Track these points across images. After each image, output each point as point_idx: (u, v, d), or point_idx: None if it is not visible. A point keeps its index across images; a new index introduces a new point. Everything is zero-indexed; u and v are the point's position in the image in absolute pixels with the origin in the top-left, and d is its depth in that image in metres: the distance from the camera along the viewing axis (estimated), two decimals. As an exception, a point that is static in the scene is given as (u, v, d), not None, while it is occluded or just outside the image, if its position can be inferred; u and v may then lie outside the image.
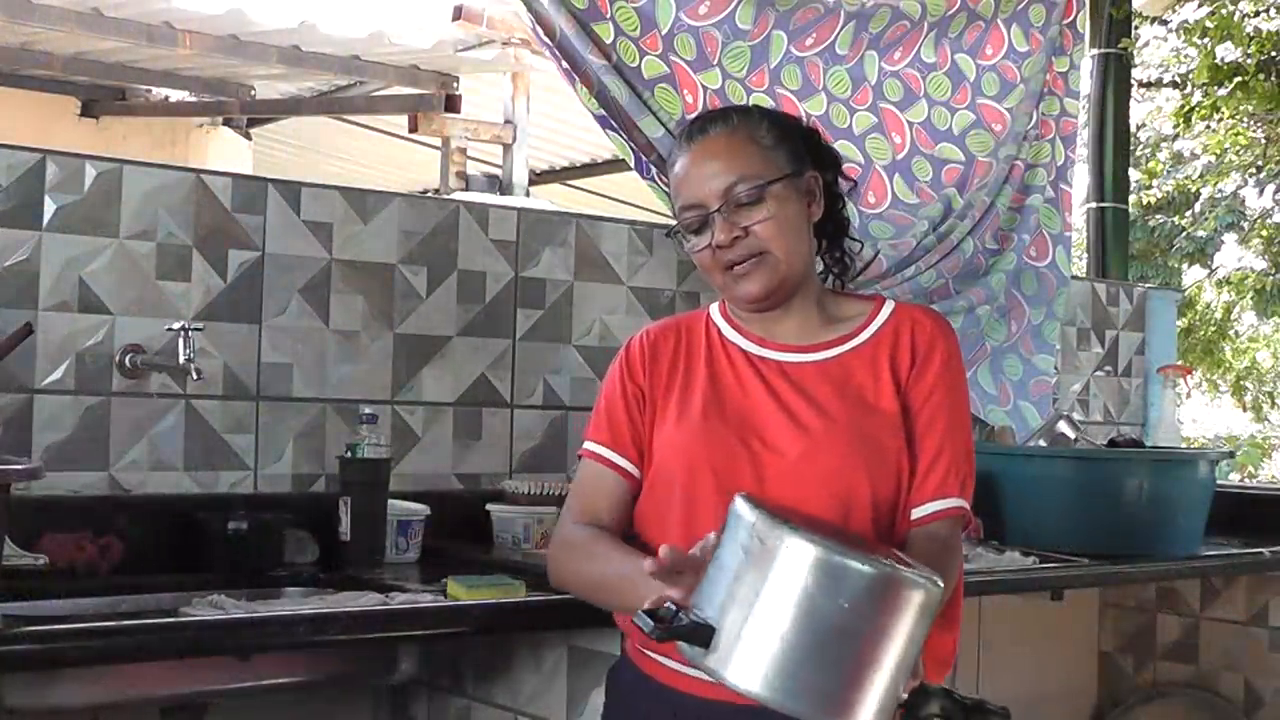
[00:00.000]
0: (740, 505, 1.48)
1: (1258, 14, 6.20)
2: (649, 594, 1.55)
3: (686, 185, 1.83)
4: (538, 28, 2.95)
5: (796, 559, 1.41)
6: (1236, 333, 11.48)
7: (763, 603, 1.41)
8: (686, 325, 1.94)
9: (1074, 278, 3.91)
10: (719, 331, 1.91)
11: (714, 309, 1.95)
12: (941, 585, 1.47)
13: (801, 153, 1.85)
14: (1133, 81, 5.08)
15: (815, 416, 1.79)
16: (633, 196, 7.60)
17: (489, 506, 2.63)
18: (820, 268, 1.95)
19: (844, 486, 1.75)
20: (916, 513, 1.79)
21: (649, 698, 1.80)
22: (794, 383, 1.83)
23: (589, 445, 1.90)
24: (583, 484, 1.90)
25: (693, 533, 1.72)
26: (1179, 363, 4.27)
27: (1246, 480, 9.15)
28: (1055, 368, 3.69)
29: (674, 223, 1.88)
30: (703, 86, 3.09)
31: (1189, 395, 9.98)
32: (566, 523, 1.89)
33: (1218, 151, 9.38)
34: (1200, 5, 6.84)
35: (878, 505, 1.76)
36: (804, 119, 2.19)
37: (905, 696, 1.46)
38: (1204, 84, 5.90)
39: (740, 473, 1.76)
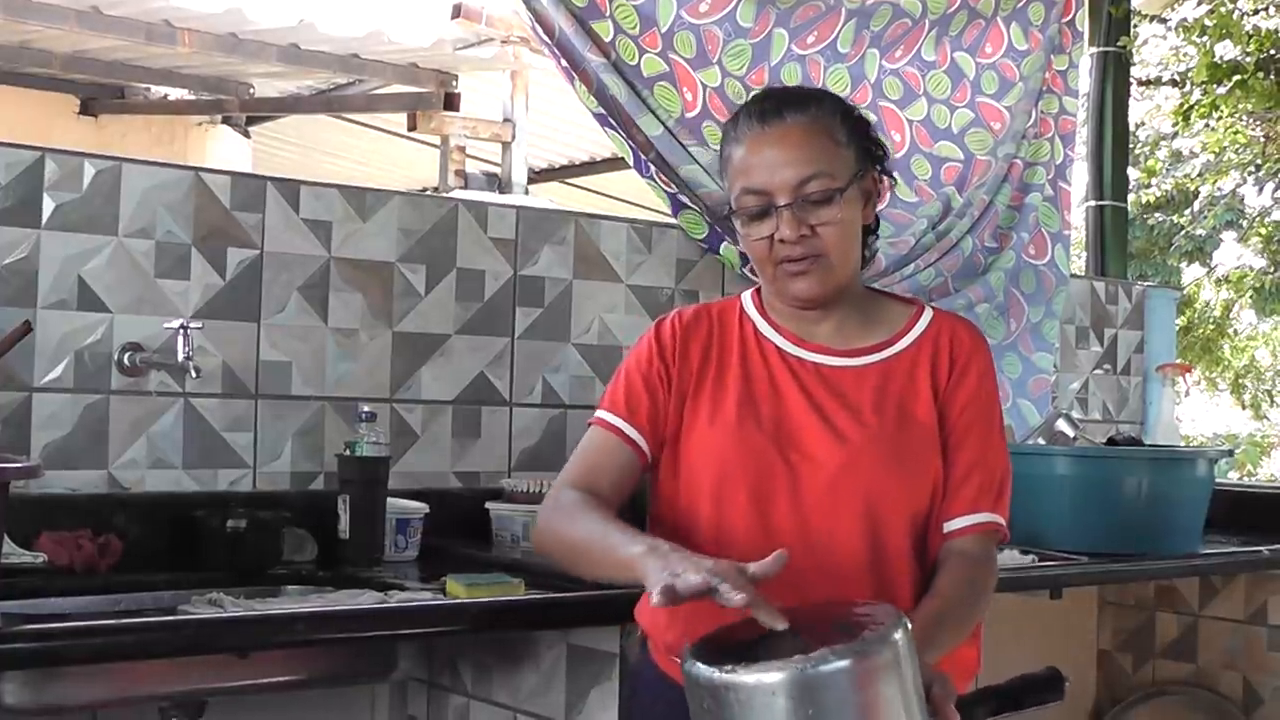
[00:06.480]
0: (690, 669, 1.42)
1: (1256, 12, 6.19)
2: (624, 562, 1.56)
3: (754, 170, 1.74)
4: (537, 26, 2.95)
5: (759, 698, 1.35)
6: (1235, 331, 11.47)
7: None
8: (719, 314, 1.87)
9: (1073, 276, 3.90)
10: (754, 326, 1.85)
11: (747, 299, 1.89)
12: (904, 618, 1.42)
13: (866, 149, 1.80)
14: (1132, 80, 5.07)
15: (855, 426, 1.76)
16: (632, 195, 7.59)
17: (488, 505, 2.63)
18: None
19: (880, 500, 1.72)
20: (948, 526, 1.77)
21: (672, 702, 1.73)
22: (831, 387, 1.79)
23: (602, 414, 1.83)
24: (588, 451, 1.83)
25: (721, 538, 1.72)
26: (1178, 361, 4.27)
27: (1245, 478, 9.15)
28: (1054, 366, 3.68)
29: (730, 201, 1.79)
30: (702, 84, 3.09)
31: (1188, 393, 9.97)
32: (561, 485, 1.82)
33: (1217, 150, 9.38)
34: (1199, 3, 6.83)
35: (913, 519, 1.74)
36: None
37: None
38: (1203, 82, 5.89)
39: (775, 484, 1.73)
